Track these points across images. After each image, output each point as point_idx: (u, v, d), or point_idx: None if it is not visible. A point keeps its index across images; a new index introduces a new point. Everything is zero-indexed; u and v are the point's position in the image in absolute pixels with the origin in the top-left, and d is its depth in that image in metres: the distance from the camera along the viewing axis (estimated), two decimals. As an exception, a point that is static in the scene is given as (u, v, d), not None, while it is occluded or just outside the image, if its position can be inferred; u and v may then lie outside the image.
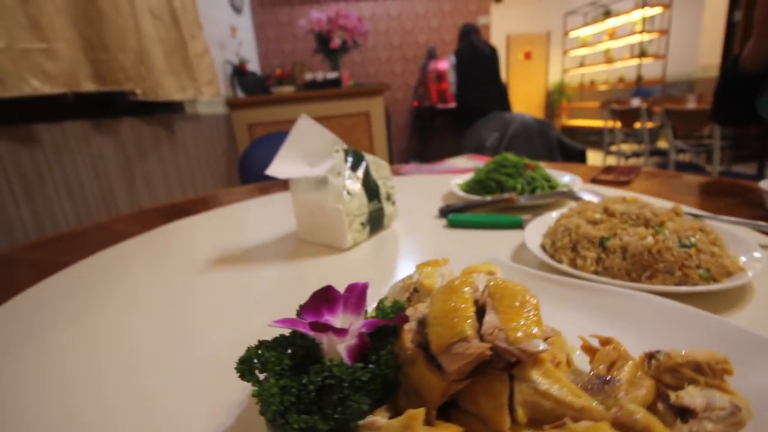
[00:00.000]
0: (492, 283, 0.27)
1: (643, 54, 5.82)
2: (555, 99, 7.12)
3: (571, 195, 0.73)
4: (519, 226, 0.64)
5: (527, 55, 6.93)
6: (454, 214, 0.69)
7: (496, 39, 6.31)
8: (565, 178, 0.86)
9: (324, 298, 0.30)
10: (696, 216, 0.56)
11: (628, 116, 4.16)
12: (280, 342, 0.28)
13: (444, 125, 5.74)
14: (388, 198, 0.69)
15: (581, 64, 6.94)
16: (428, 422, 0.23)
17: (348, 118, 2.93)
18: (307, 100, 2.86)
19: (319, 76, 2.95)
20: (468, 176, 0.90)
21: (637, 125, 4.06)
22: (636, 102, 4.30)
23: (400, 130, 6.19)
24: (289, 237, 0.71)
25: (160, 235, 0.78)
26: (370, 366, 0.25)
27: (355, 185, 0.63)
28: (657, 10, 5.55)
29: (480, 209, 0.74)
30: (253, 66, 3.86)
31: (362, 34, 2.98)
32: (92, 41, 1.52)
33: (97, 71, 1.55)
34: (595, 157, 5.07)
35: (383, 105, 3.00)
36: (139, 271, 0.62)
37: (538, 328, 0.23)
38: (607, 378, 0.24)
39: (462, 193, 0.81)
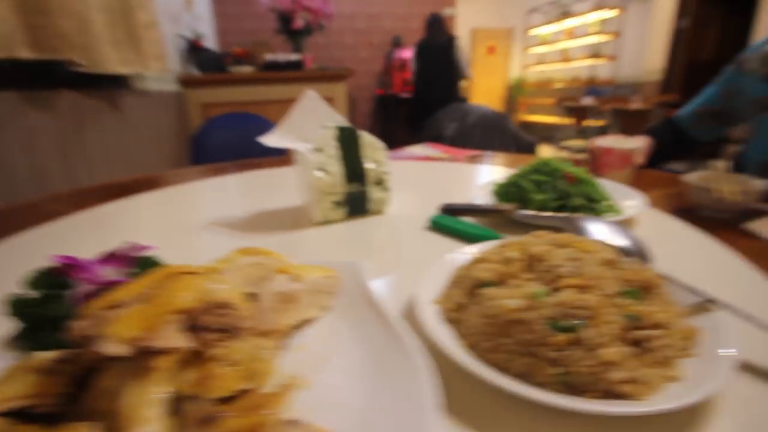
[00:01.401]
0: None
1: (596, 55, 6.10)
2: (514, 94, 7.32)
3: (571, 224, 0.52)
4: None
5: (491, 50, 7.05)
6: (441, 216, 0.64)
7: (462, 32, 6.37)
8: (627, 201, 0.67)
9: (116, 252, 0.37)
10: (712, 302, 0.34)
11: (579, 113, 4.38)
12: (48, 274, 0.34)
13: (407, 114, 5.76)
14: (380, 183, 0.67)
15: (540, 62, 7.16)
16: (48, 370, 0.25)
17: (309, 102, 2.86)
18: (267, 82, 2.76)
19: (281, 57, 2.86)
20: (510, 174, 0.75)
21: (587, 123, 4.28)
22: (587, 100, 4.51)
23: (363, 117, 6.15)
24: (246, 217, 0.69)
25: (97, 215, 0.74)
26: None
27: (333, 163, 0.63)
28: (613, 13, 5.81)
29: (479, 216, 0.66)
30: (210, 43, 3.67)
31: (327, 17, 2.91)
32: (29, 3, 1.38)
33: (34, 37, 1.42)
34: (547, 152, 5.30)
35: (346, 91, 2.96)
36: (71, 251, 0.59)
37: (130, 333, 0.22)
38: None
39: (487, 195, 0.72)
